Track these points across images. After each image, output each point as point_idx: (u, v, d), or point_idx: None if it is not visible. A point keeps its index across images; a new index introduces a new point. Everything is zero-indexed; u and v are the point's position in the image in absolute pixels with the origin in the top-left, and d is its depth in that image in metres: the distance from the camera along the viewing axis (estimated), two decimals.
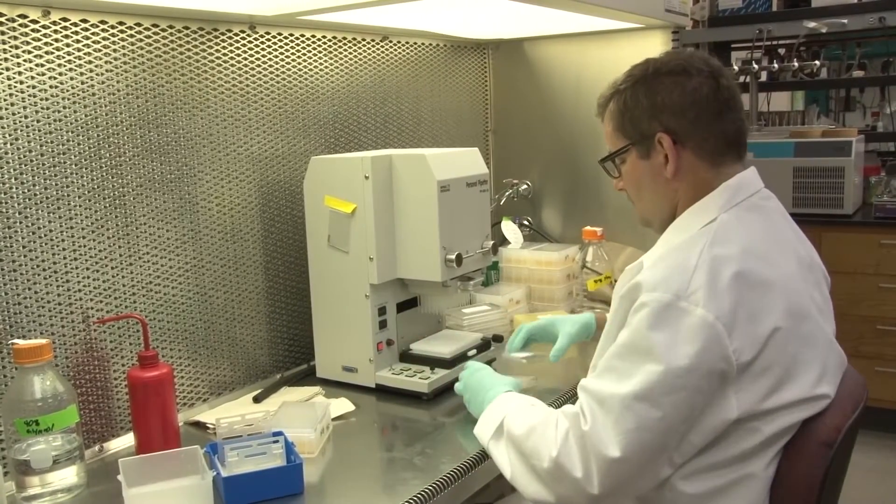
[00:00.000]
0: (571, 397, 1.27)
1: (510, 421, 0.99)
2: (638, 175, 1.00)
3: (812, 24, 2.66)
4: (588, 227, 1.73)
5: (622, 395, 0.85)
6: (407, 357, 1.36)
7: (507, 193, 2.00)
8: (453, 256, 1.28)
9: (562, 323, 1.36)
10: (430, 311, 1.44)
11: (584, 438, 0.88)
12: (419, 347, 1.37)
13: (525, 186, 2.02)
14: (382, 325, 1.33)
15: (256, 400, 1.30)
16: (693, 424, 0.85)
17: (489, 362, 1.45)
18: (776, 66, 2.81)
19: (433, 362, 1.32)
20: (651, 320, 0.84)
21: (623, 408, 0.84)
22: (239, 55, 1.36)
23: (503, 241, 1.91)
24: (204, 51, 1.30)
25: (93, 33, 1.13)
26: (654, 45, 1.74)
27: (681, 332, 0.83)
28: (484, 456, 1.05)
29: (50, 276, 1.09)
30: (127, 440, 1.17)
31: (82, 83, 1.12)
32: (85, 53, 1.13)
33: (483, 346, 1.41)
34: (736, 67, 2.76)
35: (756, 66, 2.77)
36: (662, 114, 0.95)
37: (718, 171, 0.96)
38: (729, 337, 0.83)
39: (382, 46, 1.68)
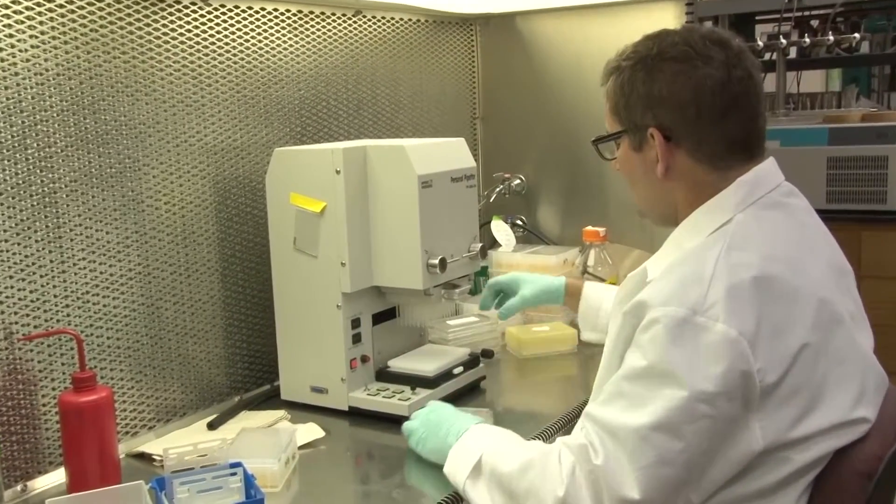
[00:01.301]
0: (571, 421, 1.26)
1: (493, 457, 0.96)
2: (630, 167, 1.00)
3: None
4: (589, 228, 1.72)
5: (638, 426, 0.83)
6: (384, 376, 1.35)
7: (497, 189, 2.00)
8: (436, 261, 1.27)
9: (524, 282, 1.41)
10: (410, 323, 1.43)
11: (596, 474, 0.85)
12: (398, 364, 1.36)
13: (518, 181, 2.01)
14: (356, 339, 1.32)
15: (211, 426, 1.29)
16: (713, 458, 0.84)
17: (480, 380, 1.44)
18: (808, 40, 2.67)
19: (414, 381, 1.32)
20: (667, 338, 0.83)
21: (639, 440, 0.83)
22: (190, 31, 1.34)
23: (493, 244, 1.90)
24: (149, 25, 1.27)
25: (14, 1, 1.10)
26: (665, 19, 1.73)
27: (701, 350, 0.82)
28: None
29: None
30: (57, 476, 1.14)
31: (2, 61, 1.09)
32: (5, 26, 1.09)
33: (471, 362, 1.40)
34: (761, 43, 2.68)
35: (784, 40, 2.66)
36: (658, 106, 0.94)
37: (722, 174, 0.95)
38: (753, 355, 0.82)
39: (355, 22, 1.66)
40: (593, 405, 0.90)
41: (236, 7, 1.41)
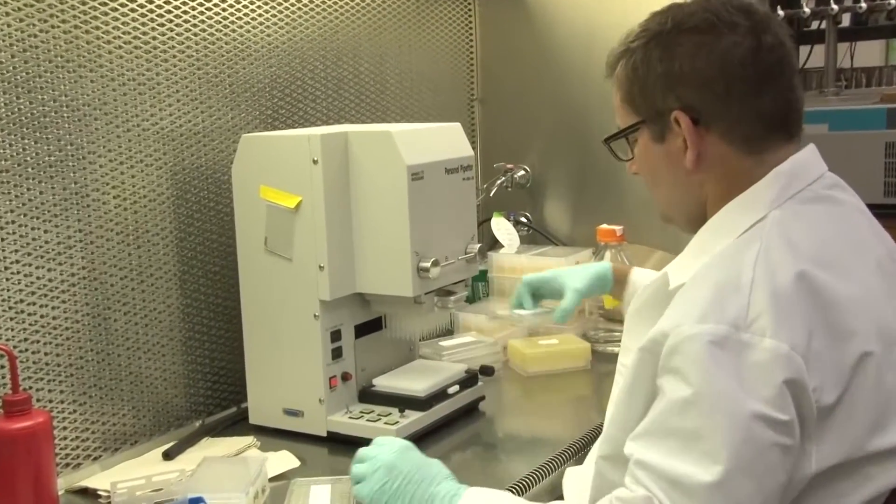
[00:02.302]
0: (583, 449, 1.24)
1: None
2: (652, 162, 0.99)
3: None
4: (604, 226, 1.71)
5: (705, 475, 0.78)
6: (369, 396, 1.35)
7: (498, 182, 1.99)
8: (428, 264, 1.27)
9: (569, 276, 1.39)
10: (398, 335, 1.42)
11: None
12: (385, 383, 1.36)
13: (522, 173, 2.01)
14: (336, 354, 1.32)
15: (168, 456, 1.27)
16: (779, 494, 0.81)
17: (478, 401, 1.42)
18: (864, 4, 2.56)
19: (403, 402, 1.31)
20: (709, 359, 0.80)
21: (712, 489, 0.78)
22: None
23: (494, 244, 1.89)
24: None
25: None
26: None
27: (749, 372, 0.80)
28: None
29: None
30: None
31: None
32: None
33: (468, 380, 1.39)
34: (807, 10, 2.64)
35: (835, 6, 2.58)
36: (680, 85, 0.93)
37: (759, 158, 0.94)
38: (808, 372, 0.80)
39: None
40: (641, 447, 0.84)
41: None
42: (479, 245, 1.38)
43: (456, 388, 1.36)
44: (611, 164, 1.97)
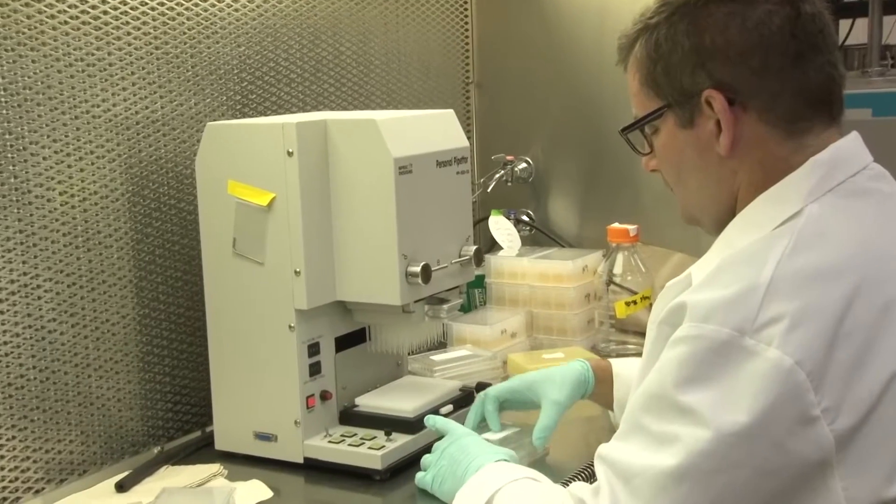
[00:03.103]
0: (593, 476, 1.21)
1: (507, 494, 1.01)
2: (677, 152, 0.98)
3: None
4: (616, 225, 1.71)
5: (657, 472, 0.84)
6: (351, 417, 1.35)
7: (497, 176, 1.99)
8: (418, 269, 1.27)
9: (544, 385, 1.28)
10: (384, 349, 1.41)
11: None
12: (369, 403, 1.36)
13: (524, 165, 2.01)
14: (314, 370, 1.32)
15: (121, 487, 1.27)
16: None
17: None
18: None
19: (390, 424, 1.31)
20: (697, 365, 0.83)
21: (659, 490, 0.84)
22: None
23: (492, 247, 1.88)
24: None
25: None
26: None
27: (740, 380, 0.81)
28: None
29: None
30: None
31: None
32: None
33: (463, 399, 1.39)
34: None
35: None
36: (711, 61, 0.93)
37: (800, 142, 0.94)
38: (815, 391, 0.80)
39: None
40: (609, 443, 0.92)
41: None
42: (475, 247, 1.38)
43: (449, 408, 1.35)
44: (624, 156, 1.95)
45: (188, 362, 1.46)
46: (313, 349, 1.31)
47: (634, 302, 1.67)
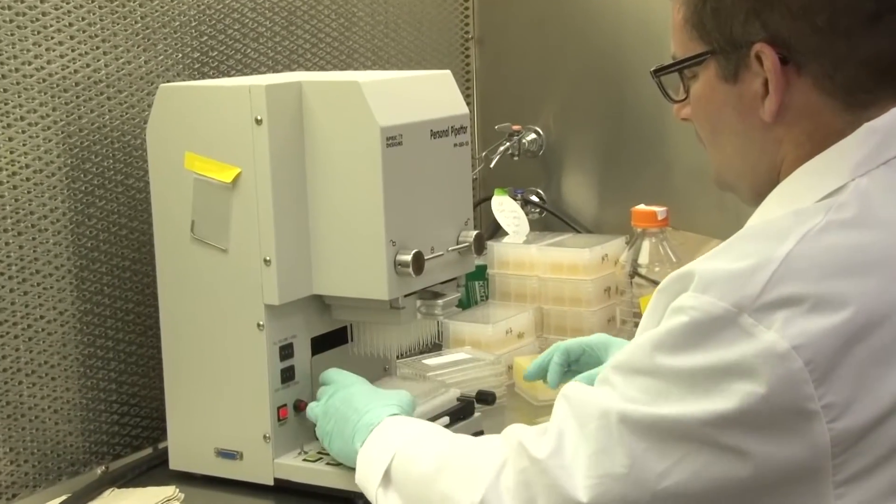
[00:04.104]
0: None
1: (407, 458, 1.07)
2: (715, 107, 0.99)
3: None
4: (642, 206, 1.72)
5: (616, 421, 0.89)
6: None
7: (501, 149, 2.00)
8: (409, 258, 1.28)
9: (617, 345, 1.37)
10: (369, 351, 1.43)
11: (529, 474, 0.93)
12: None
13: (533, 136, 2.02)
14: (287, 375, 1.32)
15: None
16: None
17: (475, 434, 1.40)
18: None
19: None
20: (685, 341, 0.87)
21: (613, 441, 0.89)
22: None
23: (495, 231, 1.90)
24: None
25: None
26: None
27: (727, 360, 0.85)
28: None
29: None
30: None
31: None
32: None
33: (461, 410, 1.41)
34: None
35: None
36: (769, 10, 0.93)
37: (859, 116, 0.93)
38: (817, 383, 0.83)
39: None
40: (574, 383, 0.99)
41: None
42: (475, 233, 1.39)
43: (445, 420, 1.36)
44: (652, 125, 1.99)
45: (138, 367, 1.47)
46: (286, 351, 1.31)
47: None
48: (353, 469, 1.26)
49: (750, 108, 0.96)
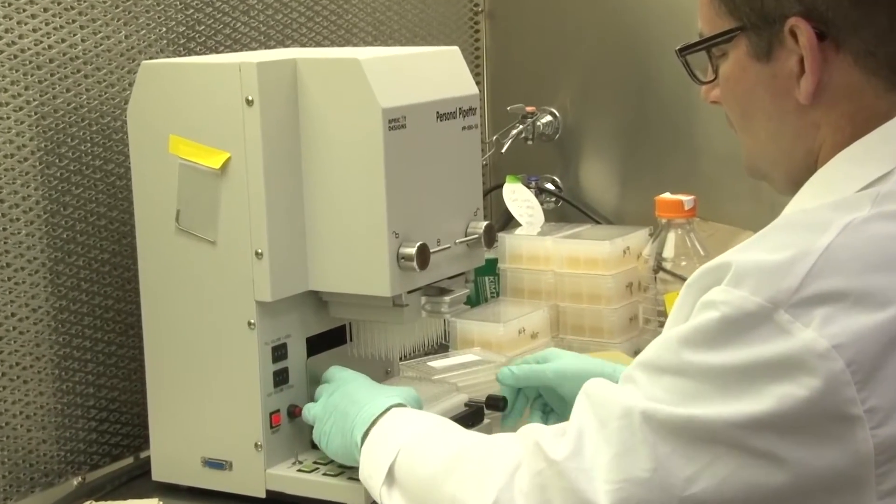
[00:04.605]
0: None
1: (413, 453, 1.08)
2: (746, 88, 1.00)
3: None
4: (667, 195, 1.72)
5: (640, 421, 0.89)
6: None
7: (514, 132, 2.00)
8: (413, 251, 1.28)
9: (576, 373, 1.37)
10: (369, 352, 1.43)
11: (545, 477, 0.93)
12: None
13: (548, 119, 2.02)
14: (281, 379, 1.33)
15: None
16: None
17: None
18: None
19: None
20: (716, 337, 0.87)
21: (636, 441, 0.89)
22: None
23: (507, 222, 1.90)
24: None
25: None
26: None
27: (763, 360, 0.85)
28: None
29: None
30: None
31: None
32: None
33: (469, 416, 1.41)
34: None
35: None
36: None
37: None
38: (859, 386, 0.83)
39: None
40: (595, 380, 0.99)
41: None
42: (485, 223, 1.39)
43: None
44: (678, 107, 1.99)
45: (118, 369, 1.47)
46: (279, 352, 1.32)
47: None
48: (353, 479, 1.26)
49: (784, 89, 0.96)
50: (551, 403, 1.41)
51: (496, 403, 1.45)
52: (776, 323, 0.85)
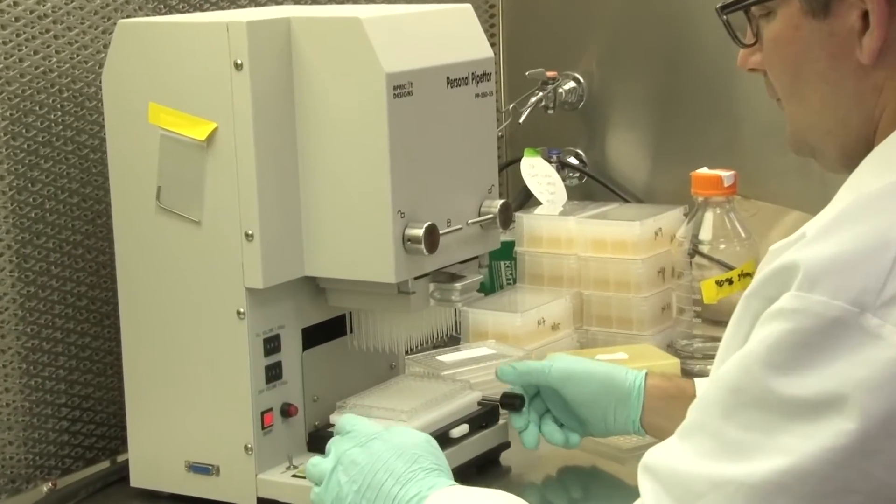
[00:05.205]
0: None
1: None
2: (798, 50, 0.99)
3: None
4: (704, 170, 1.73)
5: (732, 490, 0.85)
6: (323, 440, 1.32)
7: (533, 100, 2.00)
8: (420, 232, 1.28)
9: (583, 378, 1.40)
10: (372, 345, 1.44)
11: None
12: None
13: (571, 85, 2.02)
14: (273, 374, 1.34)
15: None
16: None
17: (499, 451, 1.45)
18: None
19: None
20: (791, 350, 0.85)
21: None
22: None
23: (526, 200, 1.91)
24: None
25: None
26: None
27: (854, 374, 0.83)
28: None
29: None
30: None
31: None
32: None
33: (483, 416, 1.42)
34: None
35: None
36: None
37: None
38: None
39: None
40: (659, 449, 0.94)
41: None
42: (501, 202, 1.39)
43: (464, 428, 1.38)
44: (716, 71, 1.99)
45: (92, 363, 1.48)
46: (271, 345, 1.33)
47: (730, 281, 1.67)
48: None
49: (844, 49, 0.96)
50: (551, 407, 1.43)
51: (512, 402, 1.46)
52: (865, 329, 0.83)
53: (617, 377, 1.40)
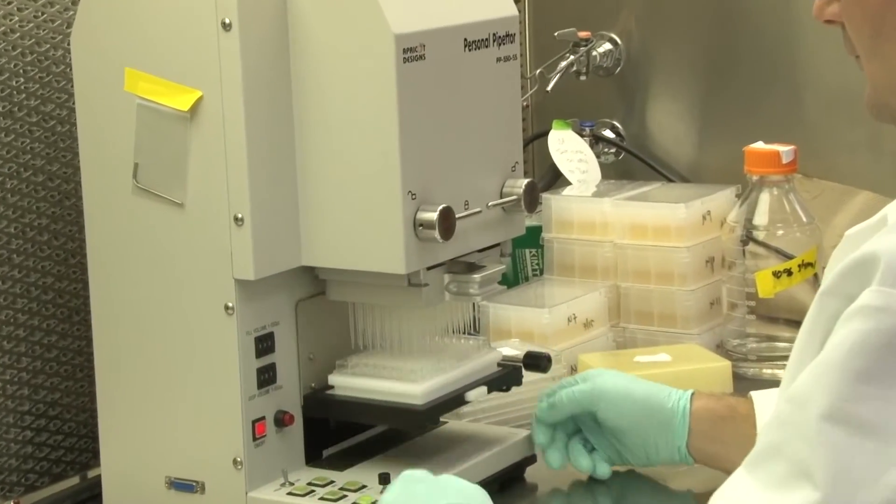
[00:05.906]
0: None
1: None
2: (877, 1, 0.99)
3: None
4: (759, 145, 1.73)
5: None
6: (318, 405, 1.39)
7: (563, 65, 2.01)
8: (434, 216, 1.29)
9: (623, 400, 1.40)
10: (377, 344, 1.43)
11: None
12: (349, 383, 1.39)
13: (607, 48, 2.03)
14: (266, 378, 1.35)
15: None
16: None
17: (526, 464, 1.45)
18: None
19: (380, 416, 1.40)
20: (873, 354, 0.85)
21: None
22: None
23: (554, 179, 1.92)
24: None
25: None
26: None
27: None
28: None
29: None
30: None
31: None
32: None
33: (501, 378, 1.44)
34: None
35: None
36: None
37: None
38: None
39: None
40: (733, 484, 0.93)
41: None
42: (526, 181, 1.40)
43: (482, 390, 1.40)
44: (774, 32, 2.00)
45: (59, 365, 1.49)
46: (264, 344, 1.33)
47: (788, 272, 1.68)
48: None
49: None
50: (584, 429, 1.44)
51: (538, 362, 1.48)
52: None
53: (658, 398, 1.41)
